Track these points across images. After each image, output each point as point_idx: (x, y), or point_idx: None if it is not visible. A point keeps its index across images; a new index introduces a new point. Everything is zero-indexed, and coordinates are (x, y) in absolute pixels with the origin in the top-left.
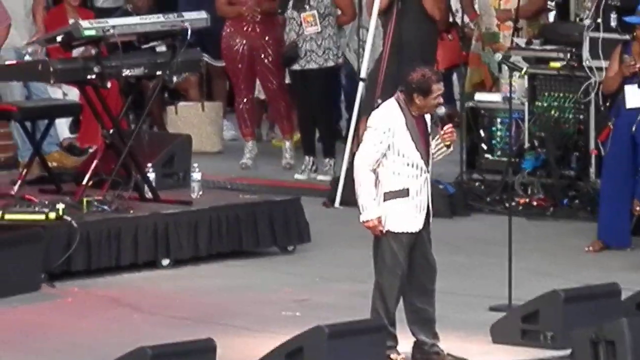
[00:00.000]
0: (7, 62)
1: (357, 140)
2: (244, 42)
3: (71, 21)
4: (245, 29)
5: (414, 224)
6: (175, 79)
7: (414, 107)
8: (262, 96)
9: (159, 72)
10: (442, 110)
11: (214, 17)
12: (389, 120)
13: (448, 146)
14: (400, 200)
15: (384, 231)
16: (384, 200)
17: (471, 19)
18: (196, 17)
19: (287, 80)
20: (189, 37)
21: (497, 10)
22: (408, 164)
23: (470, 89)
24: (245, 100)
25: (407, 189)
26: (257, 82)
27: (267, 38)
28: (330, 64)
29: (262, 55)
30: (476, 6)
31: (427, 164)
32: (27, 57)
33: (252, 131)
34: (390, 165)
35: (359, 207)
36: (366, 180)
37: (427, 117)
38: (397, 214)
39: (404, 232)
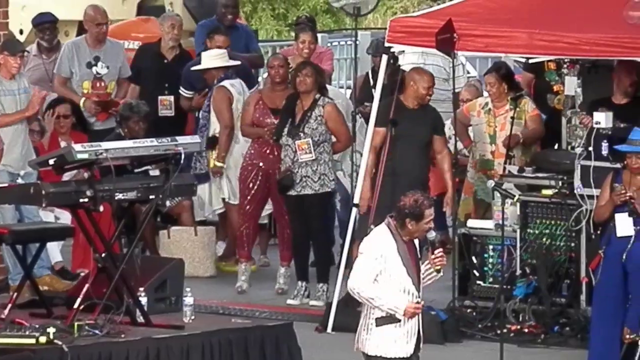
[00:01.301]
0: None
1: (351, 266)
2: (261, 164)
3: (63, 144)
4: (264, 150)
5: (405, 349)
6: (168, 203)
7: (405, 232)
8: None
9: (152, 196)
10: (432, 234)
11: None
12: (381, 246)
13: (438, 271)
14: (392, 325)
15: (422, 305)
16: (376, 326)
17: (465, 146)
18: (189, 142)
19: None
20: (182, 161)
21: (492, 137)
22: (400, 290)
23: (463, 218)
24: (247, 224)
25: None
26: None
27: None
28: (326, 189)
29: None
30: (470, 133)
31: (418, 289)
32: (19, 180)
33: (249, 254)
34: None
35: (392, 312)
36: (373, 291)
37: (416, 241)
38: (388, 340)
39: (395, 357)
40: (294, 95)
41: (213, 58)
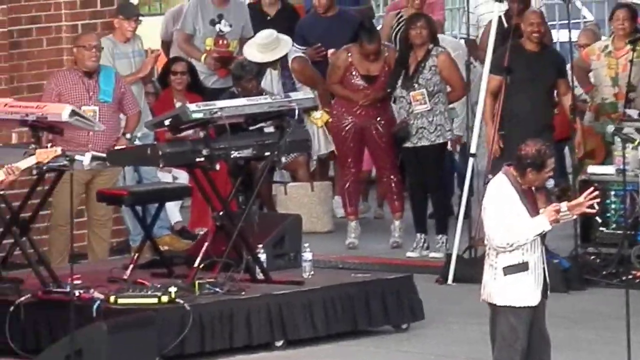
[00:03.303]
0: (117, 147)
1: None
2: (354, 121)
3: (178, 104)
4: (355, 110)
5: (534, 298)
6: (283, 159)
7: (525, 181)
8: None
9: (267, 153)
10: (550, 182)
11: None
12: (503, 195)
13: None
14: (520, 274)
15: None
16: (504, 275)
17: (587, 91)
18: (303, 98)
19: None
20: (296, 117)
21: (614, 80)
22: None
23: (582, 158)
24: (352, 179)
25: (527, 263)
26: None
27: (378, 118)
28: (442, 140)
29: (374, 134)
30: (591, 78)
31: (543, 236)
32: (136, 142)
33: (356, 210)
34: None
35: (539, 231)
36: (515, 234)
37: (533, 188)
38: (517, 289)
39: (524, 306)
40: (407, 46)
41: (262, 49)
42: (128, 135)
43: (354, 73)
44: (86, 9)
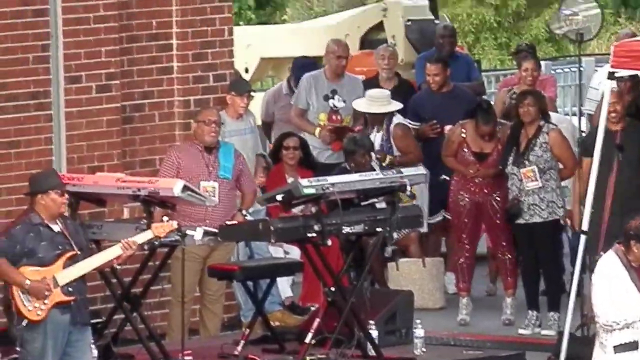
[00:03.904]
0: (228, 223)
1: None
2: (470, 197)
3: (290, 180)
4: (470, 186)
5: None
6: (395, 235)
7: (633, 256)
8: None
9: (379, 229)
10: None
11: None
12: (612, 273)
13: None
14: (630, 353)
15: None
16: (615, 353)
17: None
18: (414, 173)
19: None
20: (408, 192)
21: None
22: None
23: None
24: (466, 255)
25: (637, 342)
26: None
27: (494, 194)
28: (555, 217)
29: (490, 211)
30: None
31: None
32: (248, 217)
33: (469, 286)
34: None
35: None
36: (623, 306)
37: None
38: None
39: None
40: (518, 123)
41: (372, 102)
42: (244, 212)
43: (465, 150)
44: (199, 84)
